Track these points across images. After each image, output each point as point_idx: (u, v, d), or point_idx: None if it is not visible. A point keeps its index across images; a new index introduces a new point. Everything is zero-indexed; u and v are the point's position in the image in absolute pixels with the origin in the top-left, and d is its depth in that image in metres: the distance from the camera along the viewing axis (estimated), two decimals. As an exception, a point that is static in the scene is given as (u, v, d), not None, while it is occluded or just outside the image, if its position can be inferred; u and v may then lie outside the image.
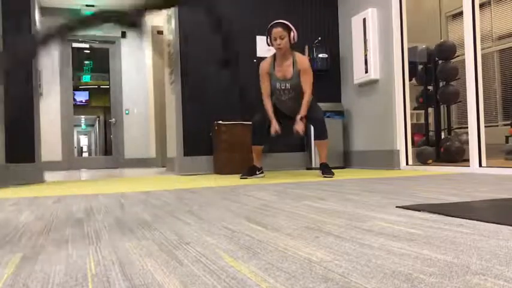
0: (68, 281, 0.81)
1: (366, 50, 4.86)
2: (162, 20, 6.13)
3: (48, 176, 5.43)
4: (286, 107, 3.87)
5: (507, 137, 5.80)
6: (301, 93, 3.75)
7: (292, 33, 3.70)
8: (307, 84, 3.72)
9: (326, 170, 3.71)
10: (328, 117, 5.00)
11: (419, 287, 0.70)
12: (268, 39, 3.77)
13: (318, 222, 1.38)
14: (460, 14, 4.91)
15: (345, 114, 5.32)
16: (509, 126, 6.02)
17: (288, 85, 3.75)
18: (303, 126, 3.63)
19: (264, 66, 3.84)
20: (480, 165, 3.73)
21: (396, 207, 1.66)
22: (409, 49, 4.75)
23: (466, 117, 3.84)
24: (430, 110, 5.55)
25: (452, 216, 1.39)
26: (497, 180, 2.83)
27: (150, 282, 0.78)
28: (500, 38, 6.62)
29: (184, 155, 4.80)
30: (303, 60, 3.77)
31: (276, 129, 3.71)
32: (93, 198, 2.41)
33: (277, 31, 3.69)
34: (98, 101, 12.21)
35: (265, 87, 3.83)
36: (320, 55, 5.21)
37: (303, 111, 3.67)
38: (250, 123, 4.08)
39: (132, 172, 6.02)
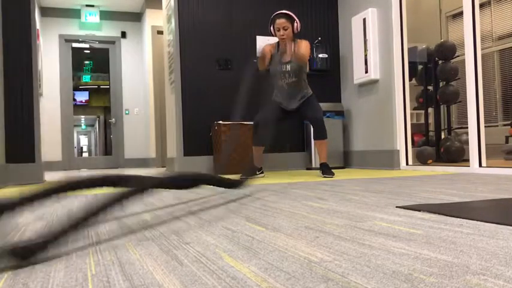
0: (68, 281, 0.81)
1: (366, 50, 4.86)
2: (162, 20, 6.13)
3: (48, 176, 5.43)
4: (287, 94, 3.84)
5: (507, 137, 5.80)
6: (302, 80, 3.78)
7: (295, 24, 3.73)
8: (302, 48, 3.71)
9: (326, 170, 3.71)
10: (328, 117, 5.00)
11: (419, 287, 0.70)
12: (272, 29, 3.80)
13: (318, 222, 1.38)
14: (460, 14, 4.91)
15: (345, 114, 5.32)
16: (509, 126, 6.02)
17: (288, 67, 3.76)
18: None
19: (268, 46, 3.87)
20: (480, 165, 3.73)
21: (396, 207, 1.66)
22: (409, 49, 4.75)
23: (466, 117, 3.84)
24: (430, 110, 5.55)
25: (452, 216, 1.39)
26: (497, 180, 2.83)
27: (150, 282, 0.78)
28: (500, 38, 6.62)
29: (184, 155, 4.80)
30: (302, 41, 3.79)
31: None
32: (93, 198, 2.41)
33: (280, 22, 3.71)
34: (98, 101, 12.21)
35: (262, 64, 3.83)
36: (320, 55, 5.21)
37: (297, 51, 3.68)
38: (250, 123, 4.08)
39: (132, 172, 6.02)
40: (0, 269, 0.91)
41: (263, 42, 5.05)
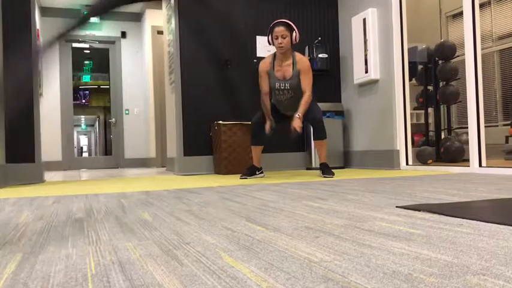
0: (68, 281, 0.81)
1: (366, 50, 4.86)
2: (162, 20, 6.13)
3: (48, 176, 5.43)
4: (285, 108, 3.87)
5: (507, 137, 5.80)
6: (300, 94, 3.75)
7: (294, 33, 3.70)
8: (306, 84, 3.71)
9: (326, 170, 3.71)
10: (328, 117, 5.00)
11: (419, 287, 0.70)
12: (270, 38, 3.75)
13: (318, 222, 1.38)
14: (460, 14, 4.91)
15: (345, 114, 5.32)
16: (509, 126, 6.02)
17: (287, 85, 3.74)
18: (300, 124, 3.60)
19: (263, 65, 3.83)
20: (480, 165, 3.73)
21: (396, 207, 1.66)
22: (409, 49, 4.75)
23: (466, 117, 3.84)
24: (430, 110, 5.55)
25: (452, 216, 1.39)
26: (497, 180, 2.83)
27: (150, 282, 0.78)
28: (500, 38, 6.62)
29: (184, 155, 4.80)
30: (303, 60, 3.75)
31: (270, 126, 3.71)
32: (93, 198, 2.41)
33: (279, 30, 3.68)
34: (98, 101, 12.21)
35: (264, 86, 3.82)
36: (320, 55, 5.21)
37: (302, 111, 3.65)
38: (250, 123, 4.08)
39: (132, 172, 6.02)
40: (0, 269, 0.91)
41: (263, 42, 5.05)
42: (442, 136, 5.46)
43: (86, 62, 10.99)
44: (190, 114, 4.83)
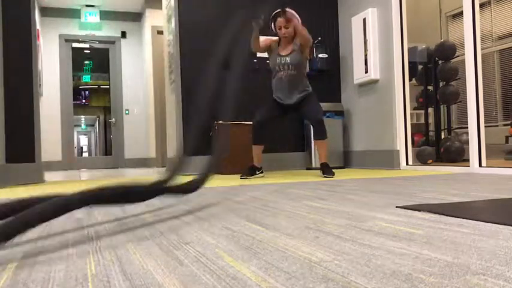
0: (68, 281, 0.81)
1: (366, 50, 4.86)
2: (162, 20, 6.13)
3: (48, 176, 5.43)
4: (285, 88, 3.81)
5: (507, 137, 5.80)
6: (301, 72, 3.80)
7: (296, 20, 3.79)
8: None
9: (326, 170, 3.71)
10: (328, 117, 5.00)
11: (419, 287, 0.70)
12: (273, 27, 3.83)
13: (318, 222, 1.38)
14: (460, 14, 4.91)
15: (345, 114, 5.32)
16: (509, 126, 6.01)
17: (288, 59, 3.77)
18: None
19: (270, 40, 3.91)
20: (480, 165, 3.73)
21: (396, 207, 1.66)
22: (409, 49, 4.75)
23: (466, 117, 3.84)
24: (430, 110, 5.55)
25: (452, 216, 1.39)
26: (497, 180, 2.83)
27: (150, 282, 0.78)
28: (500, 38, 6.61)
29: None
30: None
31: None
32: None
33: (281, 20, 3.75)
34: (98, 101, 12.21)
35: (257, 38, 3.80)
36: (320, 55, 5.21)
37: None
38: (251, 123, 4.08)
39: (132, 172, 6.02)
40: (1, 268, 0.91)
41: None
42: (442, 136, 5.46)
43: (86, 62, 10.99)
44: (190, 114, 4.82)
